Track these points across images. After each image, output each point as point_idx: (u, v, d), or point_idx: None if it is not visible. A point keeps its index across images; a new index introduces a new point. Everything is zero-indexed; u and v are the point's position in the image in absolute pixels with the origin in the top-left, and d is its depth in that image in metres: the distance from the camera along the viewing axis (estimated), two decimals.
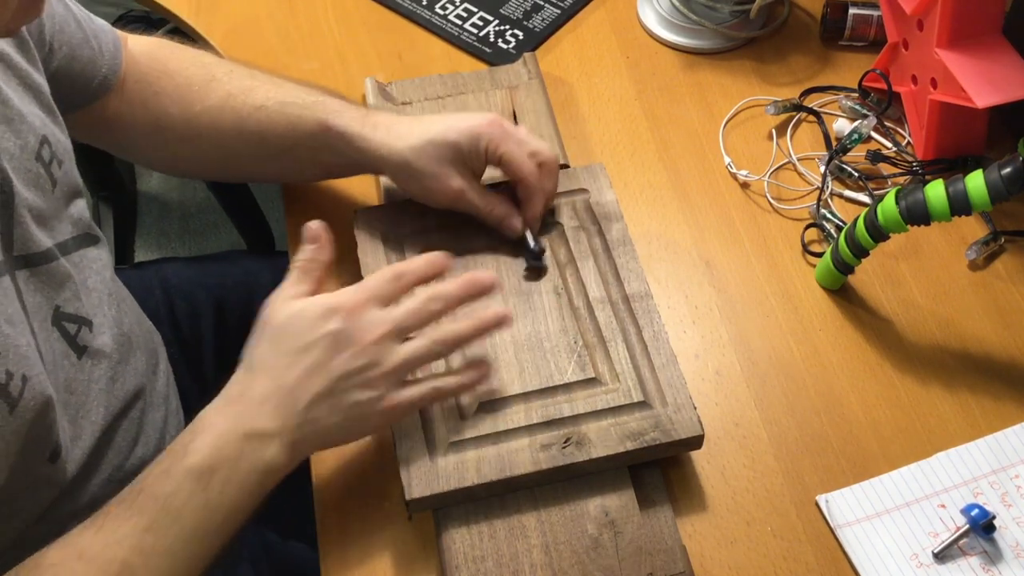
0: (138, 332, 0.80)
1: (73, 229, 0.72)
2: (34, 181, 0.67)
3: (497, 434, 0.69)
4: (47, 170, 0.68)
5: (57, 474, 0.67)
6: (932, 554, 0.69)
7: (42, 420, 0.63)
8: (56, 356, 0.67)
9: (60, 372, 0.67)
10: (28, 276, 0.65)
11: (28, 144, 0.66)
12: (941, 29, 0.81)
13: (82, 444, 0.70)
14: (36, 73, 0.70)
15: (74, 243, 0.72)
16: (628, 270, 0.77)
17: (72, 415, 0.69)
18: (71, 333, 0.69)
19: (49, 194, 0.68)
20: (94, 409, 0.71)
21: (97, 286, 0.74)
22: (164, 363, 0.86)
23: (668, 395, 0.71)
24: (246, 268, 1.06)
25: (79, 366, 0.70)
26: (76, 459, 0.69)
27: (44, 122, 0.69)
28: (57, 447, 0.66)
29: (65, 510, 0.71)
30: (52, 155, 0.69)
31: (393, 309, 0.66)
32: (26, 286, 0.65)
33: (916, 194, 0.72)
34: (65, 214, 0.71)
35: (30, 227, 0.65)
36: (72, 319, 0.69)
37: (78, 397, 0.70)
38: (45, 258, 0.67)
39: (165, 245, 1.85)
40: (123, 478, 0.76)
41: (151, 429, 0.80)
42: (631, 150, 0.92)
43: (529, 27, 1.02)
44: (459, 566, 0.67)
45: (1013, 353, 0.79)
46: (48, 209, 0.68)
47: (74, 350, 0.69)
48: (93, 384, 0.71)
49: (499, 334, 0.74)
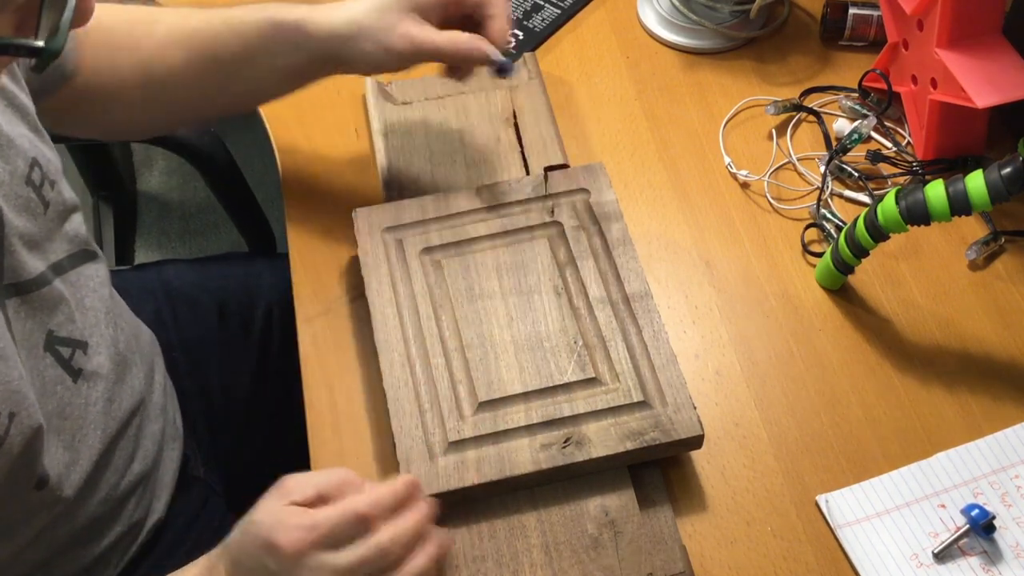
0: (135, 348, 0.79)
1: (69, 247, 0.71)
2: (25, 206, 0.66)
3: (497, 434, 0.69)
4: (38, 193, 0.67)
5: (49, 499, 0.67)
6: (932, 554, 0.69)
7: (28, 452, 0.63)
8: (49, 383, 0.67)
9: (53, 398, 0.67)
10: (19, 304, 0.64)
11: (18, 169, 0.65)
12: (941, 29, 0.81)
13: (80, 468, 0.70)
14: (22, 93, 0.69)
15: (70, 261, 0.71)
16: (628, 270, 0.77)
17: (68, 440, 0.69)
18: (65, 357, 0.68)
19: (41, 217, 0.68)
20: (91, 432, 0.71)
21: (94, 304, 0.73)
22: (160, 373, 0.86)
23: (668, 395, 0.71)
24: (247, 270, 1.06)
25: (75, 390, 0.69)
26: (74, 483, 0.69)
27: (32, 143, 0.68)
28: (44, 476, 0.66)
29: (62, 531, 0.70)
30: (43, 177, 0.68)
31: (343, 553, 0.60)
32: (16, 314, 0.64)
33: (916, 194, 0.72)
34: (60, 233, 0.70)
35: (20, 255, 0.65)
36: (66, 343, 0.69)
37: (74, 421, 0.69)
38: (36, 283, 0.66)
39: (165, 245, 1.85)
40: (120, 496, 0.76)
41: (149, 443, 0.80)
42: (631, 150, 0.92)
43: (529, 27, 1.02)
44: (459, 566, 0.67)
45: (1013, 353, 0.79)
46: (40, 232, 0.67)
47: (69, 374, 0.69)
48: (90, 407, 0.71)
49: (499, 333, 0.74)
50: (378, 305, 0.76)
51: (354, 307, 0.82)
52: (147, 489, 0.80)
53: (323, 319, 0.82)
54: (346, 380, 0.79)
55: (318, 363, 0.80)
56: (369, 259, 0.79)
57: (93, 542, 0.75)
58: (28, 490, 0.65)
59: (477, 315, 0.75)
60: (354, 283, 0.82)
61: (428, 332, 0.74)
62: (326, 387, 0.78)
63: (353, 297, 0.82)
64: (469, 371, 0.72)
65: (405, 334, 0.74)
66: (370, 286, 0.77)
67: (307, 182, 0.91)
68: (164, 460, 0.83)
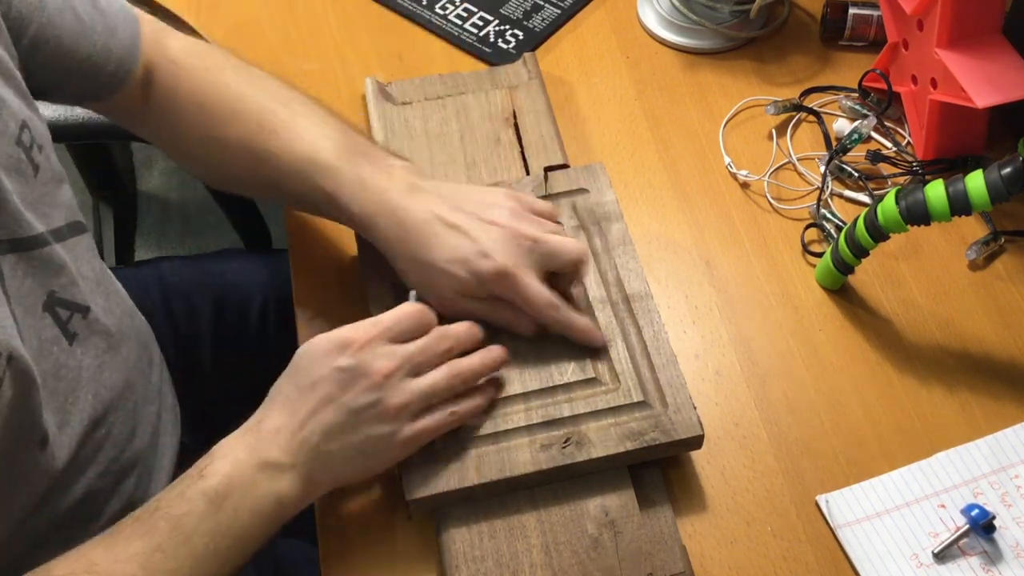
0: (128, 324, 0.80)
1: (67, 215, 0.71)
2: (15, 166, 0.66)
3: (497, 434, 0.70)
4: (28, 155, 0.67)
5: (47, 461, 0.67)
6: (932, 554, 0.69)
7: (26, 402, 0.63)
8: (45, 343, 0.67)
9: (49, 358, 0.67)
10: (16, 260, 0.64)
11: (8, 129, 0.65)
12: (941, 29, 0.81)
13: (70, 431, 0.70)
14: (9, 58, 0.68)
15: (68, 230, 0.71)
16: (628, 270, 0.77)
17: (60, 402, 0.69)
18: (63, 319, 0.69)
19: (32, 179, 0.67)
20: (83, 396, 0.71)
21: (89, 274, 0.73)
22: (158, 358, 0.86)
23: (668, 395, 0.71)
24: (243, 266, 1.06)
25: (70, 352, 0.69)
26: (65, 445, 0.69)
27: (22, 107, 0.68)
28: (45, 433, 0.66)
29: (61, 502, 0.70)
30: (32, 140, 0.68)
31: (405, 345, 0.67)
32: (12, 271, 0.64)
33: (916, 194, 0.72)
34: (56, 200, 0.70)
35: (17, 210, 0.64)
36: (67, 305, 0.69)
37: (67, 383, 0.69)
38: (36, 243, 0.66)
39: (165, 245, 1.85)
40: (119, 470, 0.76)
41: (146, 423, 0.80)
42: (631, 150, 0.92)
43: (529, 27, 1.02)
44: (459, 566, 0.67)
45: (1013, 353, 0.79)
46: (33, 194, 0.67)
47: (65, 336, 0.69)
48: (83, 371, 0.71)
49: (498, 333, 0.74)
50: (378, 307, 0.76)
51: (354, 307, 0.82)
52: (146, 469, 0.80)
53: (323, 320, 0.82)
54: None
55: None
56: (368, 263, 0.78)
57: (92, 519, 0.75)
58: (31, 446, 0.65)
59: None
60: (354, 283, 0.81)
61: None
62: None
63: (353, 297, 0.82)
64: None
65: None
66: (370, 288, 0.77)
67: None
68: (162, 444, 0.83)
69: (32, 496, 0.68)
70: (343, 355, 0.65)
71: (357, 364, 0.65)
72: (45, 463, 0.67)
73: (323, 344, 0.66)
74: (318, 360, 0.66)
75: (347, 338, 0.66)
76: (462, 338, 0.70)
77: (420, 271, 0.73)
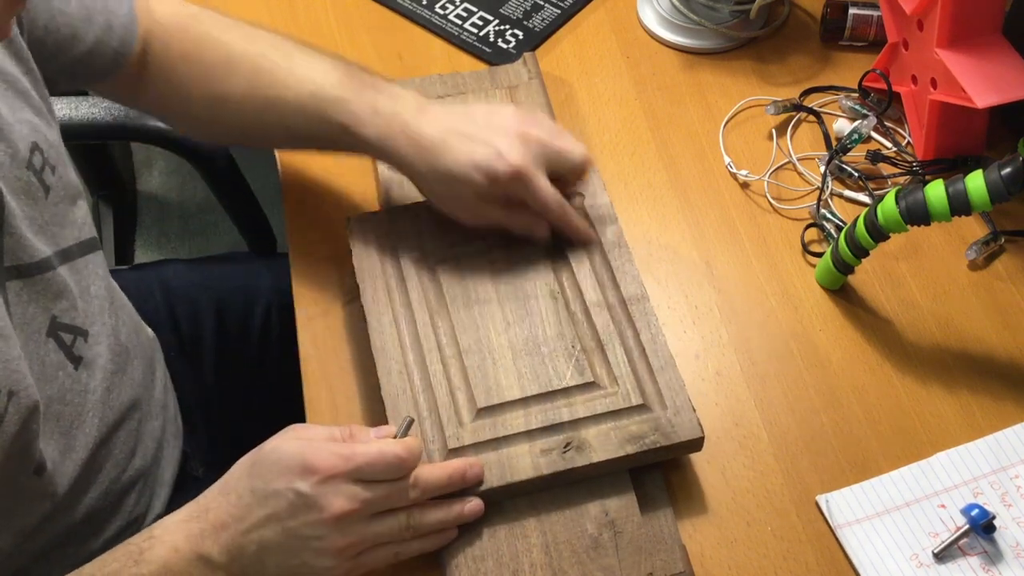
0: (135, 341, 0.80)
1: (79, 234, 0.71)
2: (25, 190, 0.66)
3: (497, 440, 0.69)
4: (39, 178, 0.67)
5: (47, 487, 0.67)
6: (932, 554, 0.69)
7: (25, 433, 0.63)
8: (50, 368, 0.67)
9: (54, 383, 0.67)
10: (20, 287, 0.64)
11: (18, 153, 0.65)
12: (941, 29, 0.81)
13: (75, 456, 0.70)
14: (25, 76, 0.69)
15: (79, 249, 0.71)
16: (624, 272, 0.77)
17: (65, 427, 0.69)
18: (67, 343, 0.69)
19: (42, 201, 0.68)
20: (88, 420, 0.71)
21: (98, 293, 0.73)
22: (161, 370, 0.86)
23: (667, 397, 0.71)
24: (247, 270, 1.06)
25: (75, 377, 0.69)
26: (68, 472, 0.69)
27: (35, 128, 0.68)
28: (42, 461, 0.66)
29: (60, 523, 0.70)
30: (44, 162, 0.68)
31: (369, 489, 0.63)
32: (17, 297, 0.64)
33: (916, 194, 0.72)
34: (68, 220, 0.70)
35: (24, 236, 0.65)
36: (68, 329, 0.69)
37: (72, 408, 0.69)
38: (40, 268, 0.66)
39: (165, 245, 1.85)
40: (120, 490, 0.76)
41: (149, 439, 0.80)
42: (631, 150, 0.92)
43: (529, 27, 1.02)
44: (459, 566, 0.67)
45: (1013, 353, 0.79)
46: (43, 217, 0.68)
47: (70, 360, 0.69)
48: (89, 395, 0.71)
49: (496, 339, 0.74)
50: (374, 313, 0.76)
51: (354, 308, 0.82)
52: (147, 485, 0.80)
53: (323, 320, 0.82)
54: (346, 380, 0.79)
55: (318, 363, 0.80)
56: (364, 267, 0.78)
57: (93, 536, 0.75)
58: (27, 475, 0.65)
59: (474, 321, 0.75)
60: (354, 284, 0.81)
61: (425, 339, 0.74)
62: (326, 387, 0.79)
63: (353, 298, 0.82)
64: (467, 377, 0.72)
65: (402, 341, 0.74)
66: (365, 293, 0.77)
67: (307, 183, 0.91)
68: (164, 457, 0.83)
69: (31, 518, 0.68)
70: (304, 480, 0.61)
71: (314, 496, 0.61)
72: (44, 489, 0.67)
73: (290, 456, 0.62)
74: (280, 473, 0.62)
75: (313, 465, 0.62)
76: (432, 489, 0.66)
77: (440, 182, 0.75)
